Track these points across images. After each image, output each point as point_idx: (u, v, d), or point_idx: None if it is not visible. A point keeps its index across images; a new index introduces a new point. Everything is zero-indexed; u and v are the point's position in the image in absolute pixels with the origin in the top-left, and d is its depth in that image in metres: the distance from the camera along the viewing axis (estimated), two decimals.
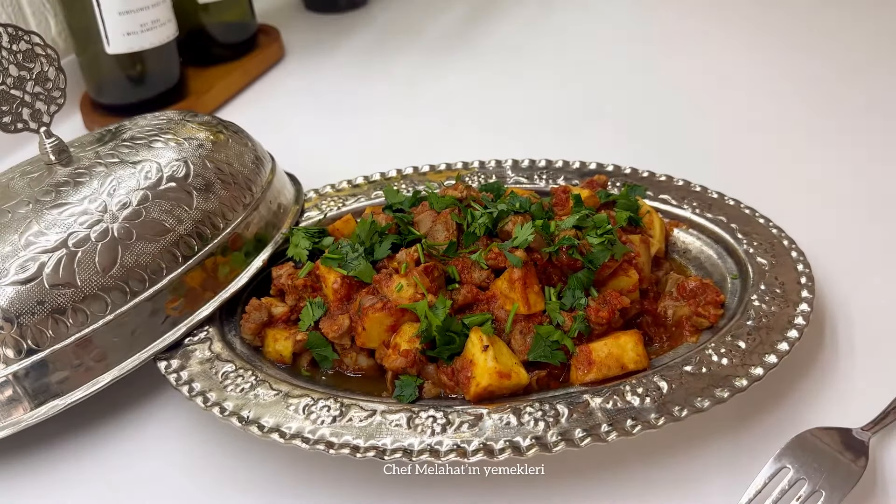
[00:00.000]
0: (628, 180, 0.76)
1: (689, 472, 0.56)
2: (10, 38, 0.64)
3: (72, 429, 0.62)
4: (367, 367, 0.62)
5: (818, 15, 1.22)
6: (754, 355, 0.57)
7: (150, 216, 0.63)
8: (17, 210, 0.62)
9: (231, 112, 1.07)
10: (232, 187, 0.69)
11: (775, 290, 0.63)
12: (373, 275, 0.62)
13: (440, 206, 0.66)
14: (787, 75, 1.07)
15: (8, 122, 0.65)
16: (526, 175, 0.79)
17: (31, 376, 0.58)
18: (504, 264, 0.60)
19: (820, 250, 0.71)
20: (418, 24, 1.31)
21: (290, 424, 0.55)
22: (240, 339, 0.65)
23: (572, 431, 0.53)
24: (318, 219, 0.75)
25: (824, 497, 0.51)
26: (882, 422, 0.56)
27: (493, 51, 1.21)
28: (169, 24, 0.98)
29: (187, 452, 0.60)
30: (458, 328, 0.58)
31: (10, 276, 0.58)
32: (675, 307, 0.63)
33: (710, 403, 0.54)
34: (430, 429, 0.54)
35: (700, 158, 0.90)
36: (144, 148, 0.68)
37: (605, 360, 0.58)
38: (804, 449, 0.53)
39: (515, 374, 0.56)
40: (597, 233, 0.62)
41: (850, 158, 0.88)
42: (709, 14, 1.26)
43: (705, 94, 1.04)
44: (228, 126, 0.75)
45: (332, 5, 1.37)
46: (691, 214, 0.72)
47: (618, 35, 1.23)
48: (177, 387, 0.59)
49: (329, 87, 1.14)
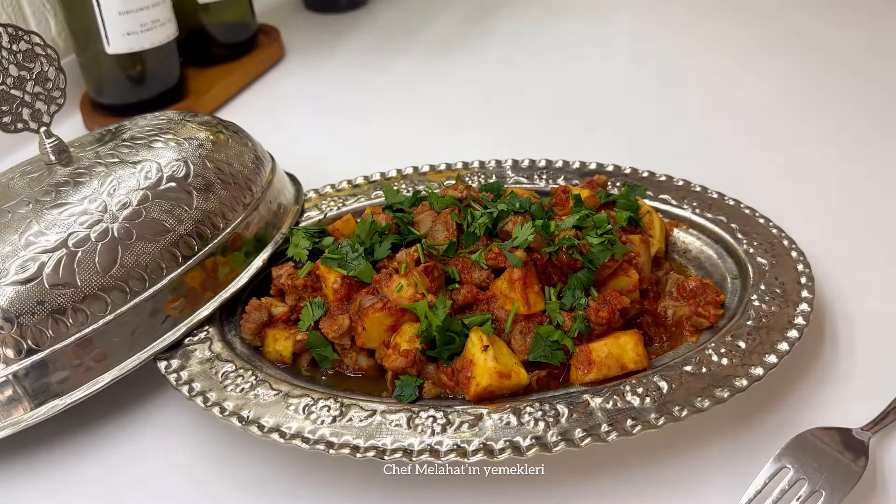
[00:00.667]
0: (628, 180, 0.76)
1: (689, 472, 0.56)
2: (10, 38, 0.64)
3: (72, 429, 0.62)
4: (367, 367, 0.62)
5: (819, 16, 1.22)
6: (754, 355, 0.57)
7: (150, 216, 0.63)
8: (17, 210, 0.62)
9: (231, 112, 1.07)
10: (232, 187, 0.69)
11: (775, 290, 0.63)
12: (373, 275, 0.62)
13: (440, 206, 0.66)
14: (787, 75, 1.07)
15: (8, 122, 0.65)
16: (526, 175, 0.79)
17: (31, 376, 0.58)
18: (504, 264, 0.60)
19: (820, 250, 0.71)
20: (418, 24, 1.31)
21: (290, 424, 0.55)
22: (240, 339, 0.65)
23: (572, 431, 0.53)
24: (318, 219, 0.75)
25: (824, 497, 0.51)
26: (882, 422, 0.56)
27: (494, 51, 1.21)
28: (169, 24, 0.98)
29: (187, 452, 0.60)
30: (458, 328, 0.58)
31: (10, 276, 0.58)
32: (675, 307, 0.63)
33: (710, 403, 0.54)
34: (430, 429, 0.54)
35: (700, 158, 0.90)
36: (144, 148, 0.68)
37: (605, 360, 0.58)
38: (804, 449, 0.53)
39: (515, 374, 0.56)
40: (597, 233, 0.62)
41: (850, 158, 0.88)
42: (710, 15, 1.27)
43: (706, 95, 1.04)
44: (228, 126, 0.75)
45: (332, 5, 1.37)
46: (691, 214, 0.72)
47: (618, 36, 1.23)
48: (177, 387, 0.59)
49: (329, 87, 1.14)
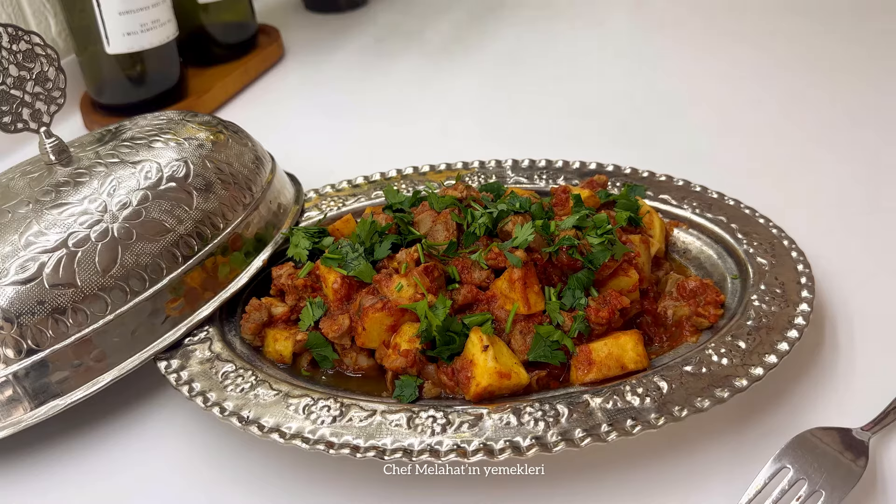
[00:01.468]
0: (628, 180, 0.76)
1: (689, 472, 0.56)
2: (10, 38, 0.64)
3: (72, 429, 0.62)
4: (367, 367, 0.62)
5: (820, 17, 1.22)
6: (754, 355, 0.57)
7: (150, 216, 0.63)
8: (17, 210, 0.62)
9: (231, 112, 1.07)
10: (232, 187, 0.69)
11: (775, 290, 0.63)
12: (373, 275, 0.62)
13: (440, 206, 0.66)
14: (787, 76, 1.07)
15: (8, 122, 0.65)
16: (526, 175, 0.79)
17: (31, 376, 0.58)
18: (504, 264, 0.60)
19: (820, 250, 0.71)
20: (418, 24, 1.31)
21: (290, 424, 0.55)
22: (240, 339, 0.65)
23: (572, 431, 0.53)
24: (318, 219, 0.75)
25: (824, 497, 0.51)
26: (882, 422, 0.56)
27: (494, 51, 1.21)
28: (169, 24, 0.98)
29: (187, 452, 0.60)
30: (458, 328, 0.58)
31: (10, 276, 0.58)
32: (675, 307, 0.63)
33: (710, 403, 0.54)
34: (430, 429, 0.54)
35: (700, 158, 0.90)
36: (144, 148, 0.68)
37: (605, 360, 0.58)
38: (804, 449, 0.53)
39: (515, 374, 0.56)
40: (597, 233, 0.62)
41: (850, 159, 0.88)
42: (711, 15, 1.26)
43: (706, 95, 1.04)
44: (228, 126, 0.75)
45: (332, 5, 1.37)
46: (691, 214, 0.72)
47: (618, 36, 1.23)
48: (177, 387, 0.59)
49: (329, 87, 1.14)
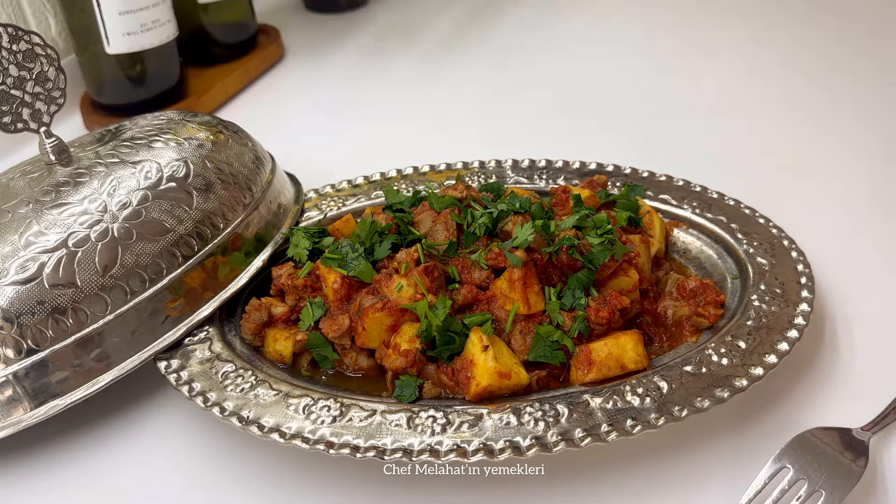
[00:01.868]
0: (628, 180, 0.76)
1: (689, 472, 0.56)
2: (10, 38, 0.64)
3: (72, 429, 0.62)
4: (367, 367, 0.62)
5: (819, 17, 1.22)
6: (754, 355, 0.57)
7: (150, 216, 0.63)
8: (17, 210, 0.62)
9: (231, 112, 1.07)
10: (232, 187, 0.69)
11: (775, 290, 0.63)
12: (373, 275, 0.62)
13: (440, 206, 0.66)
14: (787, 76, 1.07)
15: (8, 122, 0.65)
16: (526, 175, 0.79)
17: (31, 376, 0.58)
18: (504, 264, 0.60)
19: (820, 250, 0.71)
20: (418, 24, 1.31)
21: (290, 424, 0.55)
22: (240, 339, 0.65)
23: (572, 431, 0.53)
24: (318, 219, 0.75)
25: (824, 497, 0.51)
26: (882, 422, 0.56)
27: (493, 50, 1.21)
28: (169, 24, 0.98)
29: (187, 452, 0.60)
30: (458, 328, 0.58)
31: (10, 276, 0.58)
32: (675, 307, 0.63)
33: (710, 403, 0.54)
34: (430, 429, 0.54)
35: (700, 158, 0.90)
36: (144, 148, 0.68)
37: (605, 360, 0.58)
38: (804, 449, 0.53)
39: (515, 374, 0.56)
40: (597, 233, 0.62)
41: (850, 159, 0.88)
42: (710, 16, 1.26)
43: (706, 95, 1.04)
44: (228, 126, 0.75)
45: (332, 5, 1.37)
46: (691, 214, 0.72)
47: (617, 36, 1.23)
48: (177, 387, 0.59)
49: (329, 87, 1.14)
